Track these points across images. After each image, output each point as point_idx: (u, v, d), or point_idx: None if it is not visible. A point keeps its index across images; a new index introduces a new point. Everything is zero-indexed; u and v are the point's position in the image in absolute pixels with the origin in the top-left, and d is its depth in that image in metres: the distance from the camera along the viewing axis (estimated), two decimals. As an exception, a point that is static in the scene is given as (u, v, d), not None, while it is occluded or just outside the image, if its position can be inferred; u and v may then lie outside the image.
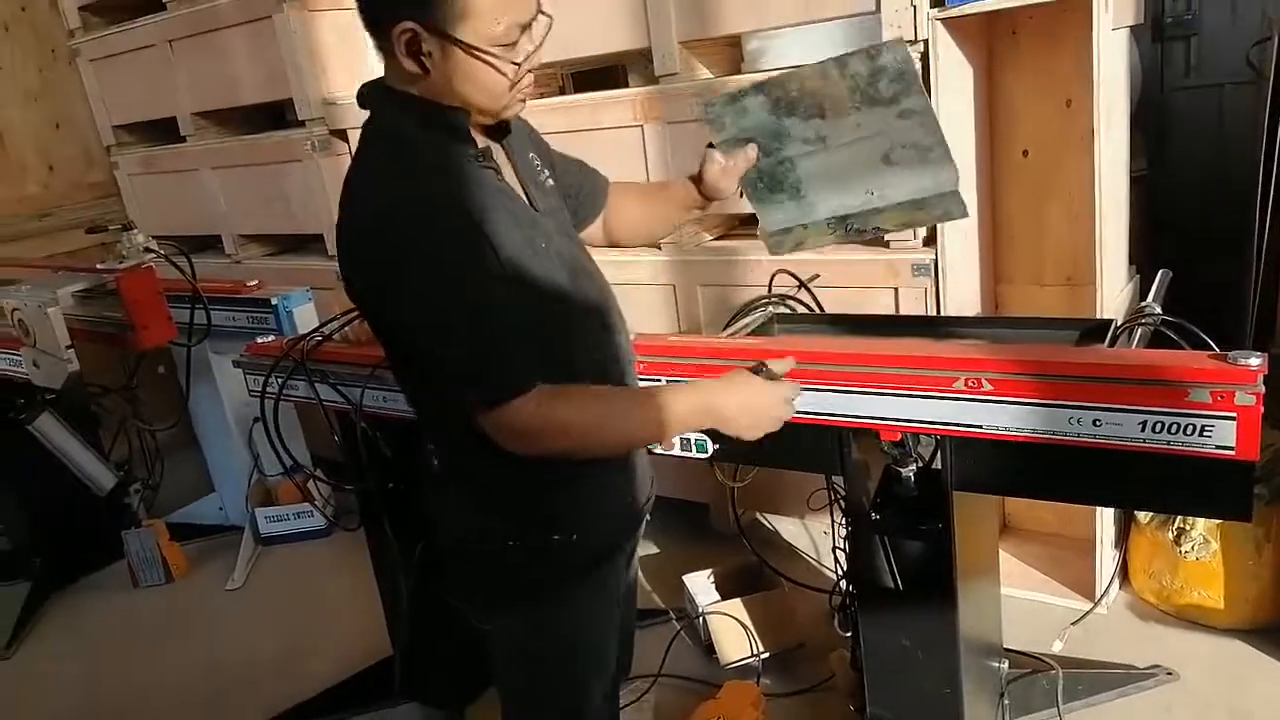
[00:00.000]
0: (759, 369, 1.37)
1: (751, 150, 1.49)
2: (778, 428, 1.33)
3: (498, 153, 1.31)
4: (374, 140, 1.25)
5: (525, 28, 1.17)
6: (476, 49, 1.14)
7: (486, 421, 1.19)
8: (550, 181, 1.39)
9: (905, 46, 1.38)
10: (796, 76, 1.43)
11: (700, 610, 2.42)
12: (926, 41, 2.11)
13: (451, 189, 1.19)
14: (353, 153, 1.28)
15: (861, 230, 1.56)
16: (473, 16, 1.12)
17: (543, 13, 1.20)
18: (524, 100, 1.25)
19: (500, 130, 1.32)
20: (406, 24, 1.12)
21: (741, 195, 1.57)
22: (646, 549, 2.90)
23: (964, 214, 1.50)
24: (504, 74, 1.18)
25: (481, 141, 1.27)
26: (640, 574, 2.73)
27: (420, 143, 1.21)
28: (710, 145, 1.52)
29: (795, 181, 1.53)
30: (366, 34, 1.20)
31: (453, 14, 1.12)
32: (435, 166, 1.20)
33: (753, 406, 1.31)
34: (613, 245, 1.63)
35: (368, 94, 1.26)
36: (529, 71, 1.21)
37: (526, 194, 1.32)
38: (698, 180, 1.52)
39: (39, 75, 4.15)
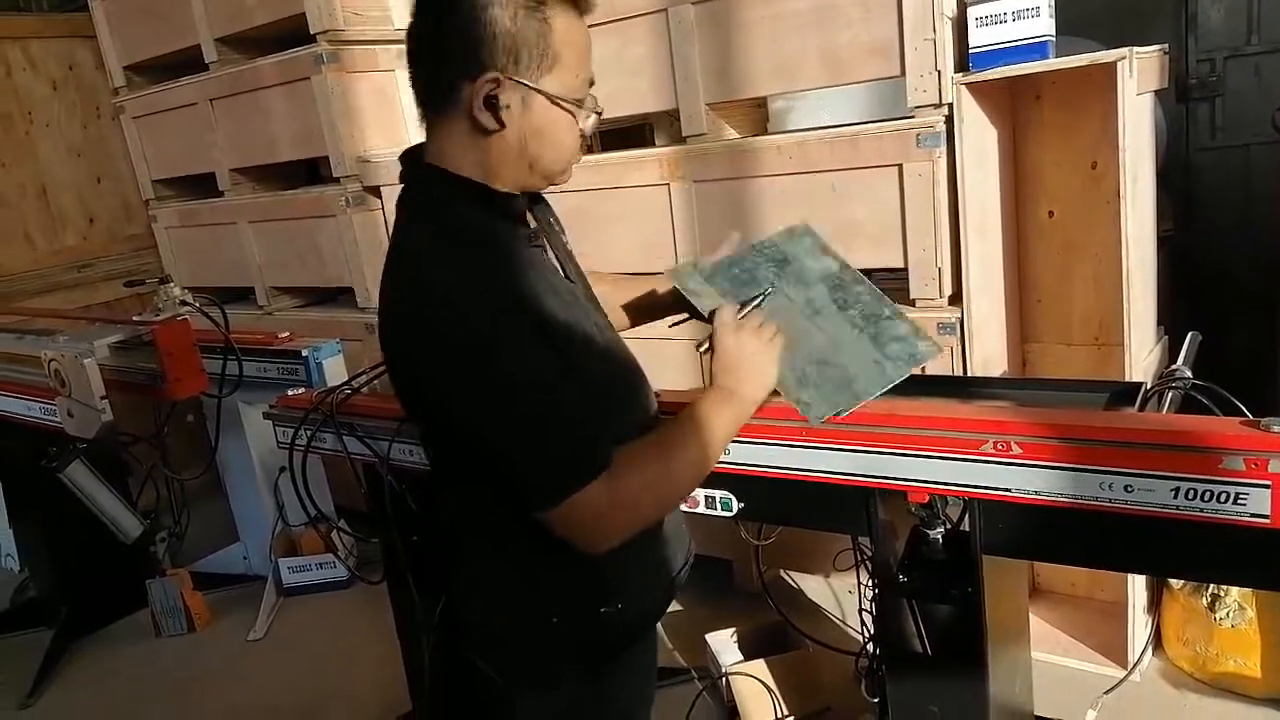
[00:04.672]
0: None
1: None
2: (773, 364, 1.25)
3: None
4: (428, 224, 1.18)
5: (591, 84, 1.17)
6: (561, 99, 1.13)
7: (555, 518, 1.12)
8: (569, 245, 1.36)
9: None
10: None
11: (723, 670, 2.38)
12: (951, 105, 2.14)
13: (515, 278, 1.15)
14: (395, 228, 1.22)
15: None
16: (560, 67, 1.11)
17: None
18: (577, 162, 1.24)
19: (533, 199, 1.28)
20: (493, 74, 1.09)
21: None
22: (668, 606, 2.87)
23: (934, 352, 1.33)
24: (581, 128, 1.17)
25: (531, 221, 1.25)
26: (663, 632, 2.71)
27: (475, 226, 1.16)
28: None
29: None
30: (420, 96, 1.16)
31: (544, 63, 1.10)
32: (494, 253, 1.16)
33: (749, 369, 1.24)
34: None
35: (416, 174, 1.19)
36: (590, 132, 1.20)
37: (562, 266, 1.29)
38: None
39: (83, 131, 4.30)
